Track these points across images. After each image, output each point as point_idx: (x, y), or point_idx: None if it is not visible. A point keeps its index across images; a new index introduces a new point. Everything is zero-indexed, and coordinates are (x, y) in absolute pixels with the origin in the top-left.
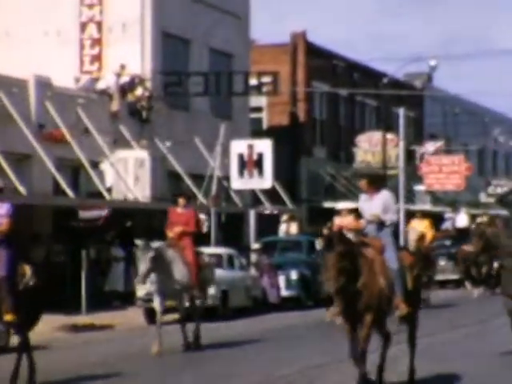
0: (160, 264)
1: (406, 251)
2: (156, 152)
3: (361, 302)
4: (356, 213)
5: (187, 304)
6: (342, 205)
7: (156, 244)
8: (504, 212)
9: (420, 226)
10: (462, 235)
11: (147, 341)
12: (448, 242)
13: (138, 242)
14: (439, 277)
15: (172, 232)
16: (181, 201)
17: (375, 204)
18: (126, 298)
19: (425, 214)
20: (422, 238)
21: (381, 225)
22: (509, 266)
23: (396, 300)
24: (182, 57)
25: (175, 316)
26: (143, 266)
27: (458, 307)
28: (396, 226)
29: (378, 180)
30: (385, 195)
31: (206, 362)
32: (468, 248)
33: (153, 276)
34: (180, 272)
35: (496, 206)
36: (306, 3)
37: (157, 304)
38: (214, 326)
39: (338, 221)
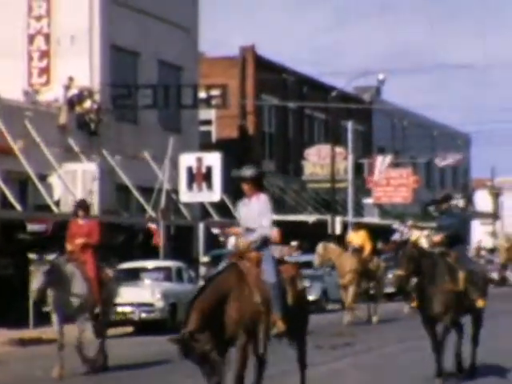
0: (57, 279)
1: (288, 263)
2: (105, 165)
3: (231, 319)
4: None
5: (89, 322)
6: None
7: (51, 257)
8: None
9: (357, 239)
10: None
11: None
12: None
13: (32, 255)
14: (390, 289)
15: (72, 245)
16: (80, 212)
17: (252, 209)
18: None
19: (362, 226)
20: (359, 250)
21: (264, 240)
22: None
23: (273, 316)
24: (131, 69)
25: (127, 329)
26: (36, 280)
27: (399, 322)
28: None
29: (260, 181)
30: (264, 199)
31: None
32: (399, 272)
33: (49, 292)
34: (79, 288)
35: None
36: (256, 17)
37: (54, 323)
38: (162, 340)
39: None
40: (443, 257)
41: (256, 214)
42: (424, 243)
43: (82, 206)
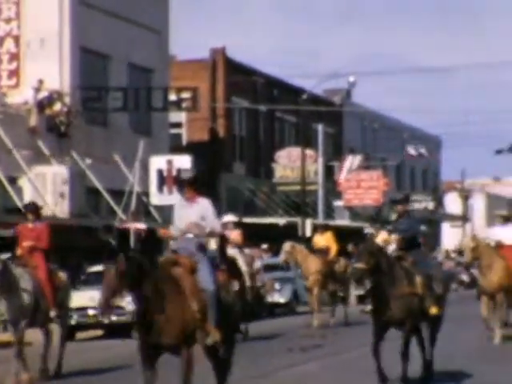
0: (6, 282)
1: (222, 270)
2: (75, 168)
3: (168, 329)
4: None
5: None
6: (228, 217)
7: (3, 256)
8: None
9: (322, 240)
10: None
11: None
12: None
13: None
14: (359, 292)
15: (21, 248)
16: (29, 215)
17: (191, 213)
18: None
19: (328, 227)
20: (325, 251)
21: (194, 238)
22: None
23: (208, 325)
24: (101, 72)
25: (97, 333)
26: None
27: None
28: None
29: (199, 184)
30: (205, 203)
31: None
32: (359, 265)
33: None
34: (29, 292)
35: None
36: (226, 20)
37: (10, 329)
38: (132, 343)
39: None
40: (399, 260)
41: (195, 218)
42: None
43: (32, 209)
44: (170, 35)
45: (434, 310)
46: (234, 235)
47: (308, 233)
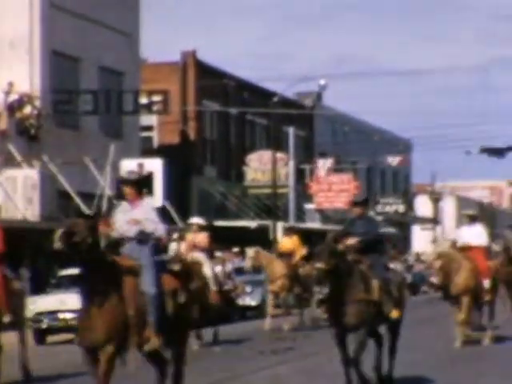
0: None
1: (170, 274)
2: (45, 171)
3: (99, 330)
4: (207, 229)
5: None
6: (195, 220)
7: None
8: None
9: (288, 243)
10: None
11: (32, 362)
12: None
13: None
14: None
15: None
16: None
17: (133, 215)
18: None
19: (294, 231)
20: (289, 255)
21: (141, 241)
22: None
23: (147, 331)
24: (72, 75)
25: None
26: None
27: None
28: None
29: (143, 185)
30: (148, 204)
31: None
32: (319, 265)
33: None
34: None
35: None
36: (197, 23)
37: None
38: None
39: (190, 237)
40: (356, 264)
41: (138, 220)
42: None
43: None
44: (141, 38)
45: (394, 314)
46: (200, 238)
47: (279, 236)
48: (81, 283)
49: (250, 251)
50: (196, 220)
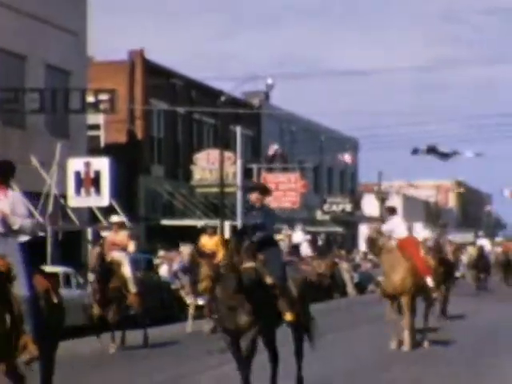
0: None
1: (41, 274)
2: None
3: None
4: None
5: None
6: (115, 218)
7: None
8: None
9: (209, 243)
10: (298, 251)
11: None
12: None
13: None
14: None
15: None
16: None
17: (2, 206)
18: None
19: (215, 231)
20: (211, 256)
21: (4, 235)
22: (222, 297)
23: (24, 338)
24: (18, 73)
25: None
26: None
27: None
28: None
29: (4, 174)
30: (14, 196)
31: None
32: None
33: None
34: None
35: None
36: (145, 22)
37: None
38: None
39: (110, 236)
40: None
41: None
42: (305, 247)
43: None
44: (88, 37)
45: (288, 317)
46: (121, 237)
47: (226, 235)
48: None
49: (186, 249)
50: (116, 219)
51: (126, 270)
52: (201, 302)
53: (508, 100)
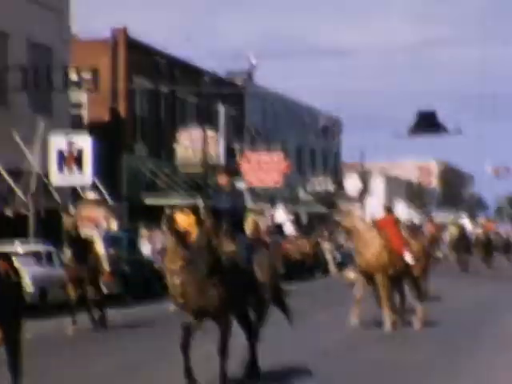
0: None
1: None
2: None
3: None
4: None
5: None
6: (91, 195)
7: None
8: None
9: (185, 223)
10: (281, 230)
11: None
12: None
13: None
14: None
15: None
16: None
17: None
18: None
19: (191, 208)
20: (185, 236)
21: None
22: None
23: None
24: (0, 51)
25: None
26: None
27: None
28: None
29: None
30: None
31: None
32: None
33: None
34: None
35: (315, 203)
36: (128, 0)
37: None
38: (32, 325)
39: (85, 212)
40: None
41: None
42: (289, 226)
43: None
44: (71, 14)
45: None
46: (96, 214)
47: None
48: None
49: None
50: (92, 196)
51: (99, 248)
52: None
53: (495, 79)
